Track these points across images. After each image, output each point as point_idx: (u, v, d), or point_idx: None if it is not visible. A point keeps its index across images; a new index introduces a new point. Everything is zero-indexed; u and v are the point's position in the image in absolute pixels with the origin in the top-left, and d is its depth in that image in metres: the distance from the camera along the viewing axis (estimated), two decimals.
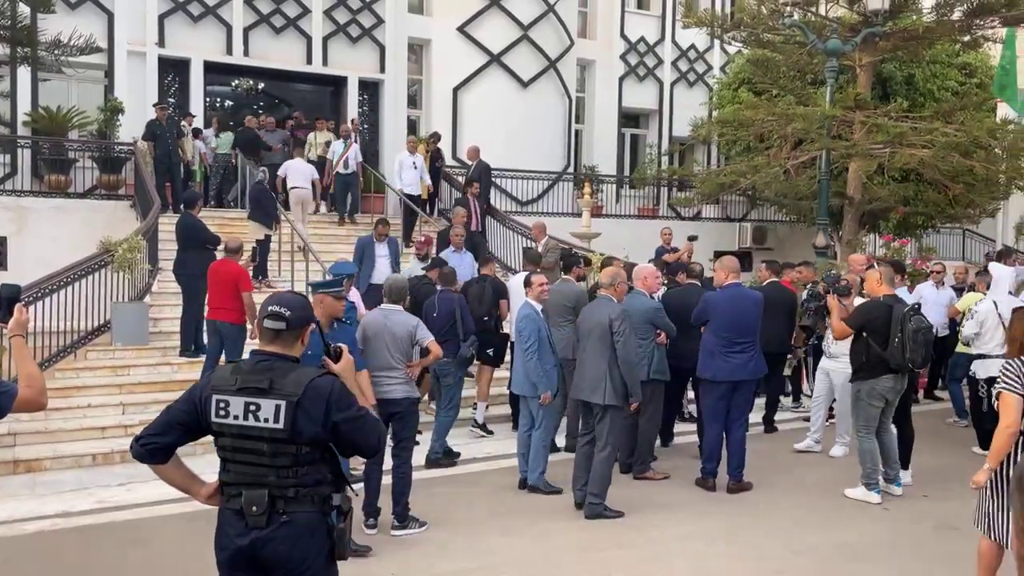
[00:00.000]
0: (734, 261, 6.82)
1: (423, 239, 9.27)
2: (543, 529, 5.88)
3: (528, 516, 6.13)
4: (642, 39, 20.15)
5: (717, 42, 20.80)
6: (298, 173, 13.20)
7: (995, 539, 4.11)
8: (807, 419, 8.98)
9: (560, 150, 18.46)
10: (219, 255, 9.03)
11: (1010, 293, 7.96)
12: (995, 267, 8.14)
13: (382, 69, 17.05)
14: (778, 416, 9.39)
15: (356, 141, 15.50)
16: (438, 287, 7.85)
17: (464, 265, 9.17)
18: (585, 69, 19.92)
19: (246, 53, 15.87)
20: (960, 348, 8.90)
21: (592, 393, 6.14)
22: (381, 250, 9.92)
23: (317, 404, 2.60)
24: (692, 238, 12.64)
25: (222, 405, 2.67)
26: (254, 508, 2.62)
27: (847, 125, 12.43)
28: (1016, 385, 3.99)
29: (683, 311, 7.22)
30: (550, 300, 7.17)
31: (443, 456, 7.50)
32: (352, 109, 16.76)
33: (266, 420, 2.61)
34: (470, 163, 14.78)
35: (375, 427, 2.74)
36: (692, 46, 20.66)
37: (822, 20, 12.45)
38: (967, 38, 12.71)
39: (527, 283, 7.49)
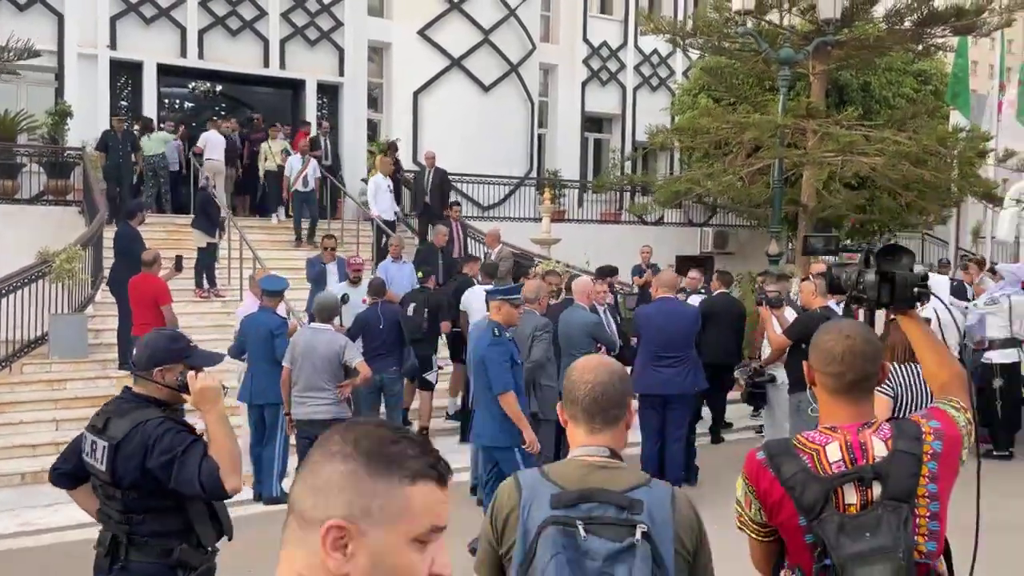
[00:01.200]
0: (671, 277, 6.80)
1: (358, 261, 8.70)
2: None
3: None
4: (605, 44, 20.15)
5: (679, 50, 20.89)
6: (215, 146, 13.52)
7: None
8: (759, 430, 9.01)
9: (522, 155, 18.42)
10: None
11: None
12: (931, 276, 8.23)
13: (341, 72, 16.89)
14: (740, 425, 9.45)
15: (325, 143, 15.38)
16: (378, 301, 7.70)
17: (403, 276, 9.05)
18: (548, 73, 19.88)
19: (201, 56, 15.63)
20: None
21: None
22: (331, 268, 9.59)
23: (137, 448, 2.49)
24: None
25: (85, 440, 2.66)
26: (99, 550, 2.59)
27: (801, 133, 12.49)
28: (887, 388, 4.17)
29: None
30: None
31: None
32: (311, 112, 16.58)
33: (98, 460, 2.56)
34: (426, 169, 14.65)
35: (197, 469, 2.45)
36: (655, 51, 20.70)
37: (776, 29, 12.50)
38: (919, 47, 12.83)
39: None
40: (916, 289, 2.28)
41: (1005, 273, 8.57)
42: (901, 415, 3.91)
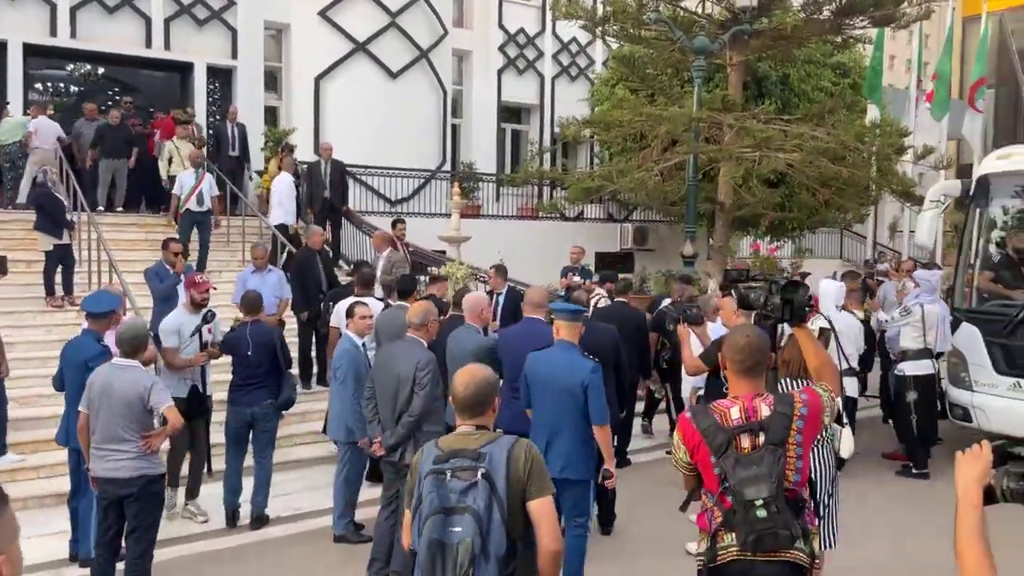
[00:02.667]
0: (539, 294, 5.89)
1: (203, 280, 6.67)
2: None
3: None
4: (522, 30, 19.30)
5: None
6: (46, 133, 12.33)
7: None
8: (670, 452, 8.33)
9: (434, 146, 17.45)
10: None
11: (838, 307, 7.52)
12: (824, 283, 7.68)
13: (234, 55, 15.63)
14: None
15: (233, 131, 14.16)
16: (249, 321, 6.65)
17: (267, 286, 7.99)
18: (462, 60, 18.94)
19: (73, 35, 14.19)
20: None
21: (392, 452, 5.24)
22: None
23: None
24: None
25: None
26: None
27: (718, 128, 11.89)
28: None
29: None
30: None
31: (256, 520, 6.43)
32: (200, 97, 15.29)
33: None
34: (323, 161, 13.54)
35: None
36: (574, 39, 19.94)
37: (692, 16, 11.85)
38: (838, 39, 12.33)
39: (349, 313, 6.51)
40: (806, 308, 3.50)
41: (920, 281, 8.07)
42: None
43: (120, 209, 13.32)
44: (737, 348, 3.04)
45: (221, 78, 15.84)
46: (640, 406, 8.94)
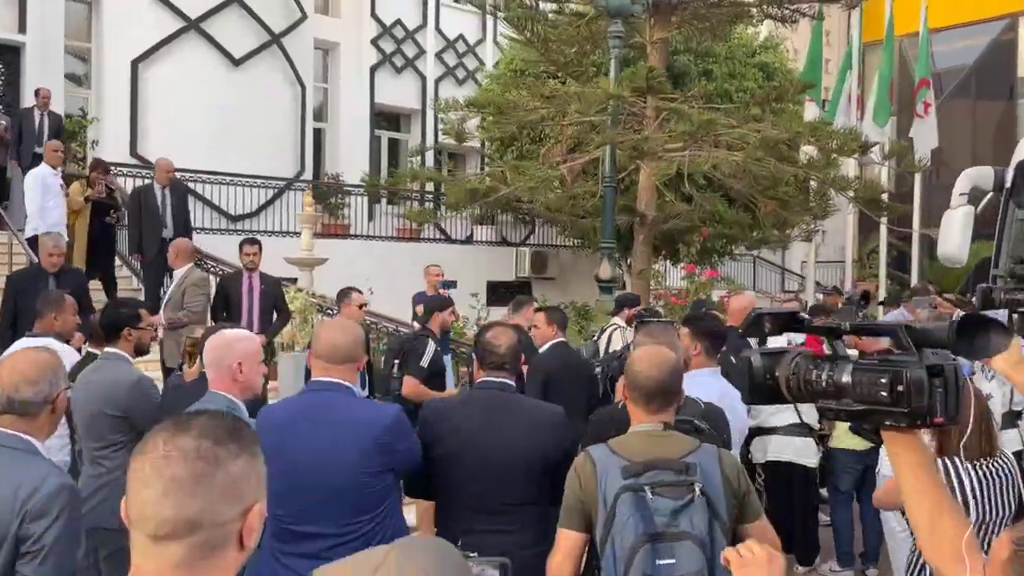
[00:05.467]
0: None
1: None
2: None
3: None
4: (399, 22, 16.49)
5: (490, 34, 17.66)
6: None
7: None
8: None
9: (289, 152, 14.35)
10: None
11: None
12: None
13: (22, 29, 12.12)
14: None
15: (45, 121, 10.50)
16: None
17: None
18: (328, 54, 15.95)
19: None
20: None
21: None
22: None
23: None
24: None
25: None
26: None
27: (637, 120, 9.38)
28: None
29: None
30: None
31: None
32: None
33: None
34: (159, 186, 9.13)
35: None
36: (460, 36, 17.31)
37: None
38: (778, 12, 10.07)
39: None
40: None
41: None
42: None
43: None
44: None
45: (6, 57, 12.28)
46: None
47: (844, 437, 5.20)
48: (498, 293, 14.83)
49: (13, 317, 5.55)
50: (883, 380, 1.39)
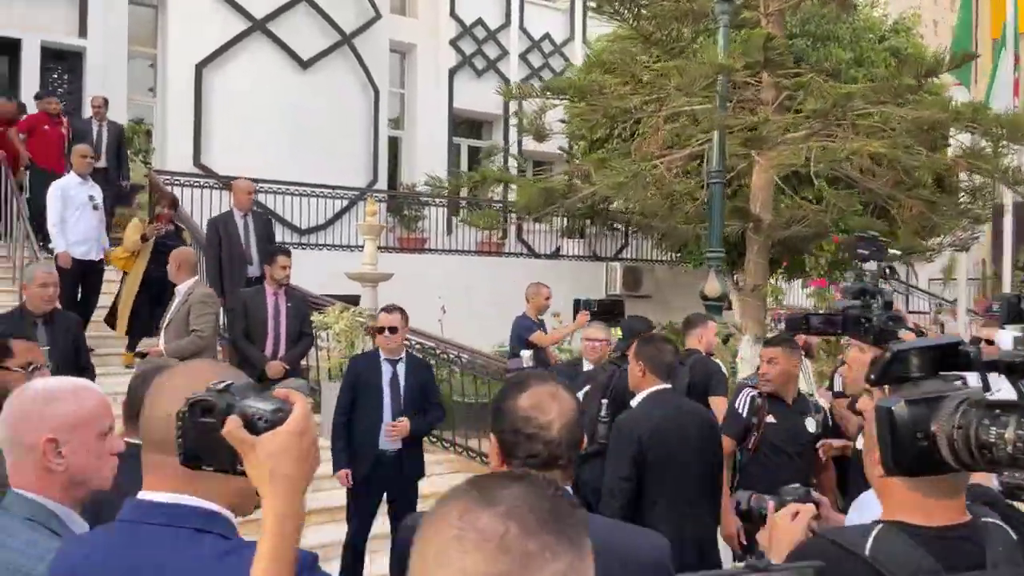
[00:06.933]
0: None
1: None
2: None
3: None
4: (480, 22, 15.37)
5: (578, 32, 16.34)
6: None
7: None
8: None
9: (362, 160, 13.34)
10: None
11: None
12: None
13: (83, 32, 11.54)
14: None
15: (100, 132, 9.64)
16: None
17: None
18: (404, 58, 14.96)
19: None
20: None
21: None
22: None
23: None
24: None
25: None
26: None
27: (749, 106, 7.80)
28: None
29: None
30: None
31: None
32: (31, 84, 11.12)
33: None
34: (239, 212, 7.45)
35: None
36: (546, 35, 16.07)
37: None
38: None
39: None
40: None
41: None
42: None
43: None
44: None
45: (67, 62, 11.73)
46: None
47: None
48: (592, 313, 13.38)
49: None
50: None
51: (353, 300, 9.21)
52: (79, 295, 7.36)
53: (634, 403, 3.36)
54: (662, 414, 3.22)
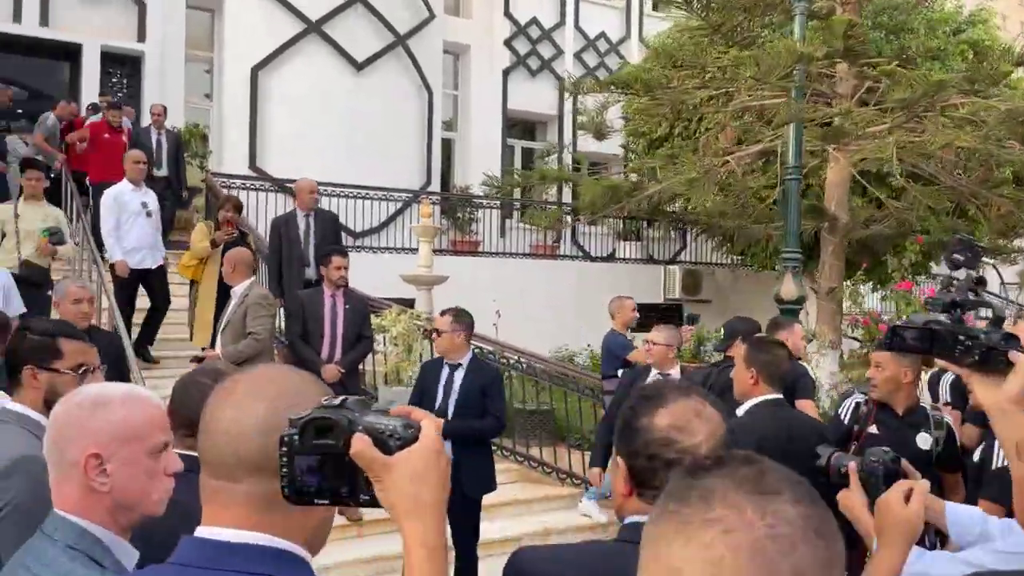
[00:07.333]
0: None
1: None
2: None
3: None
4: (534, 21, 15.14)
5: (635, 30, 16.00)
6: None
7: None
8: None
9: (415, 162, 13.19)
10: None
11: None
12: None
13: (141, 37, 11.61)
14: None
15: (159, 141, 9.57)
16: None
17: None
18: (458, 59, 14.80)
19: None
20: None
21: None
22: None
23: None
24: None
25: None
26: None
27: (825, 99, 7.39)
28: None
29: None
30: None
31: None
32: (91, 90, 11.22)
33: None
34: (301, 213, 7.28)
35: None
36: (602, 34, 15.76)
37: None
38: None
39: None
40: None
41: None
42: None
43: None
44: None
45: (126, 67, 11.82)
46: None
47: None
48: (644, 317, 13.02)
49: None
50: None
51: (407, 303, 9.04)
52: (137, 304, 7.21)
53: (741, 412, 3.04)
54: (773, 427, 2.89)
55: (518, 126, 15.68)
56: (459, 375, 4.76)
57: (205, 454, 1.10)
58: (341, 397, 1.06)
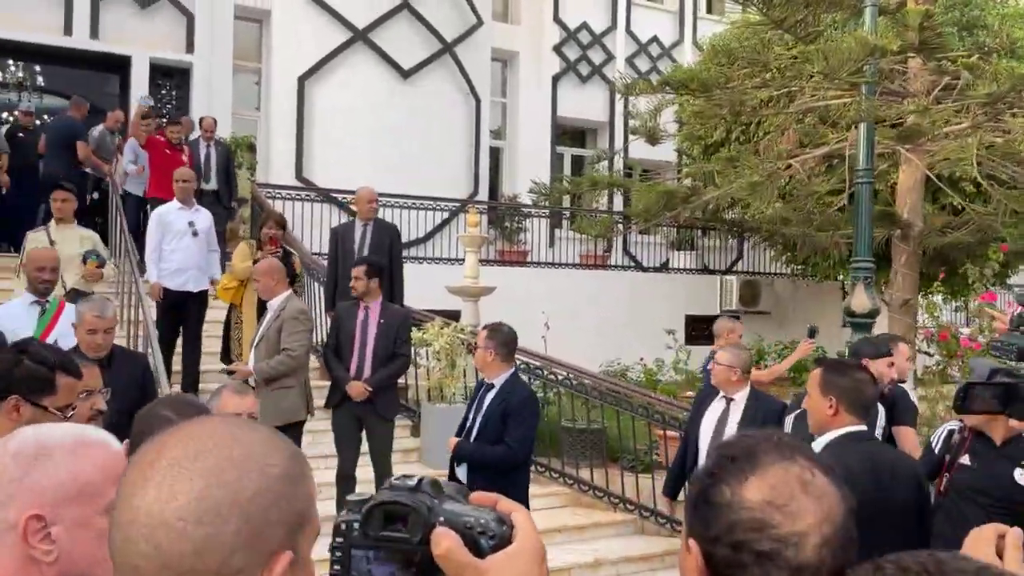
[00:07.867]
0: None
1: None
2: None
3: None
4: (584, 26, 14.80)
5: (688, 34, 15.56)
6: None
7: None
8: None
9: (463, 171, 12.94)
10: None
11: None
12: None
13: (189, 48, 11.61)
14: None
15: (198, 154, 9.51)
16: None
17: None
18: (506, 66, 14.54)
19: None
20: None
21: None
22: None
23: None
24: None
25: None
26: None
27: (897, 98, 6.89)
28: None
29: None
30: None
31: None
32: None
33: None
34: (360, 223, 7.16)
35: None
36: (654, 39, 15.34)
37: None
38: None
39: None
40: None
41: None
42: None
43: None
44: None
45: (175, 78, 11.83)
46: None
47: None
48: (699, 330, 12.52)
49: None
50: None
51: (453, 315, 8.75)
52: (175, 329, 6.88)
53: (818, 447, 2.62)
54: (859, 466, 2.47)
55: (568, 134, 15.34)
56: (490, 396, 4.43)
57: (116, 555, 0.77)
58: (417, 477, 0.84)
